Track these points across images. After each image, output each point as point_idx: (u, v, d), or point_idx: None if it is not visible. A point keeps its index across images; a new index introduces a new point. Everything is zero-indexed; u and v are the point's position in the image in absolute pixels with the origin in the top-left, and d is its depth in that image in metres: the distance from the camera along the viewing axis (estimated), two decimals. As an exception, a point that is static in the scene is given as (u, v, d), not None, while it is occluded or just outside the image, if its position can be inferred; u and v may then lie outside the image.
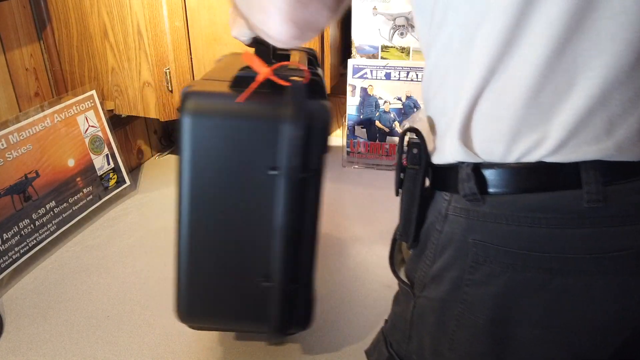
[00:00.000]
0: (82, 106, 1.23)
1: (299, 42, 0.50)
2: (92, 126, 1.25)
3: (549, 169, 0.45)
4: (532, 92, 0.43)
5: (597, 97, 0.42)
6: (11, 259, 1.02)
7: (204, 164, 0.65)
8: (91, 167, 1.24)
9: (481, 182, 0.47)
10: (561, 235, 0.45)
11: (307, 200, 0.68)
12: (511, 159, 0.46)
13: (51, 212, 1.12)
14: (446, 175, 0.51)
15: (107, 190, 1.28)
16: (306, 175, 0.65)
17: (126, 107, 1.30)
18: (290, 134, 0.62)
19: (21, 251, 1.04)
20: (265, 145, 0.64)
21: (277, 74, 0.65)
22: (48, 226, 1.11)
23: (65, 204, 1.15)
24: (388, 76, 1.43)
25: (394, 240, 0.64)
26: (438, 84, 0.50)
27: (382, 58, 1.46)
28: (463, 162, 0.48)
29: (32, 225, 1.07)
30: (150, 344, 0.88)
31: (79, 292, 1.00)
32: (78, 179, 1.20)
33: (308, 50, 0.88)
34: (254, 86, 0.64)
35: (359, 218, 1.26)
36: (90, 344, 0.87)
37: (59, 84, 1.29)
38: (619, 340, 0.48)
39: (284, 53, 0.78)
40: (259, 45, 0.72)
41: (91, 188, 1.23)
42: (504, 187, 0.47)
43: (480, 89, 0.45)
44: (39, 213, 1.09)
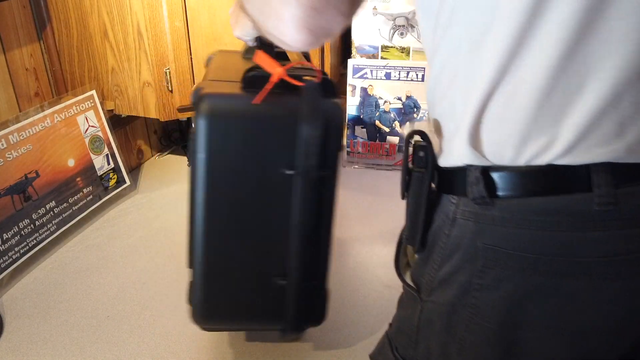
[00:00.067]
0: (82, 106, 1.23)
1: (313, 48, 0.50)
2: (92, 126, 1.25)
3: (559, 172, 0.44)
4: (543, 94, 0.43)
5: (608, 99, 0.42)
6: (11, 259, 1.02)
7: (220, 166, 0.65)
8: (91, 167, 1.24)
9: (490, 186, 0.47)
10: (572, 238, 0.45)
11: (324, 198, 0.68)
12: (521, 162, 0.46)
13: (51, 212, 1.12)
14: (453, 178, 0.51)
15: (107, 190, 1.28)
16: (323, 173, 0.66)
17: (126, 107, 1.30)
18: (307, 134, 0.63)
19: (21, 251, 1.04)
20: (281, 145, 0.65)
21: (290, 74, 0.65)
22: (48, 226, 1.11)
23: (65, 204, 1.15)
24: (388, 76, 1.43)
25: (399, 243, 0.63)
26: (445, 86, 0.50)
27: (382, 58, 1.46)
28: (471, 165, 0.48)
29: (32, 225, 1.07)
30: (150, 344, 0.88)
31: (79, 292, 1.00)
32: (78, 179, 1.20)
33: None
34: (269, 87, 0.63)
35: (359, 218, 1.25)
36: (90, 344, 0.87)
37: (59, 84, 1.29)
38: (629, 342, 0.48)
39: (281, 51, 0.78)
40: (263, 45, 0.72)
41: (91, 188, 1.23)
42: (514, 191, 0.46)
43: (490, 91, 0.45)
44: (39, 213, 1.09)
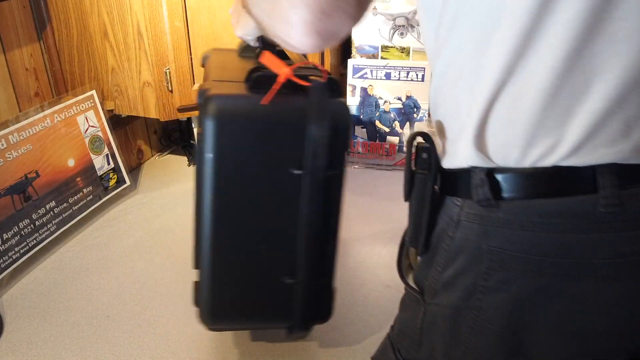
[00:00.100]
0: (82, 106, 1.23)
1: (320, 50, 0.50)
2: (92, 126, 1.25)
3: (565, 173, 0.44)
4: (549, 95, 0.43)
5: (614, 99, 0.42)
6: (11, 259, 1.02)
7: (228, 166, 0.65)
8: (91, 167, 1.24)
9: (495, 188, 0.46)
10: (577, 240, 0.44)
11: (331, 197, 0.69)
12: (526, 164, 0.45)
13: (51, 212, 1.12)
14: (457, 180, 0.50)
15: (107, 190, 1.28)
16: (331, 173, 0.66)
17: (126, 107, 1.30)
18: (316, 134, 0.63)
19: (21, 251, 1.04)
20: (290, 145, 0.65)
21: (296, 74, 0.65)
22: (48, 226, 1.11)
23: (65, 204, 1.15)
24: (388, 76, 1.43)
25: (402, 245, 0.63)
26: (449, 88, 0.50)
27: (382, 58, 1.46)
28: (476, 167, 0.47)
29: (32, 225, 1.07)
30: (150, 344, 0.88)
31: (79, 292, 1.00)
32: (78, 179, 1.20)
33: None
34: (277, 87, 0.64)
35: (359, 218, 1.25)
36: (90, 344, 0.87)
37: (59, 84, 1.29)
38: (635, 344, 0.48)
39: (280, 49, 0.78)
40: (266, 45, 0.73)
41: (91, 188, 1.23)
42: (519, 192, 0.46)
43: (495, 92, 0.45)
44: (39, 213, 1.09)
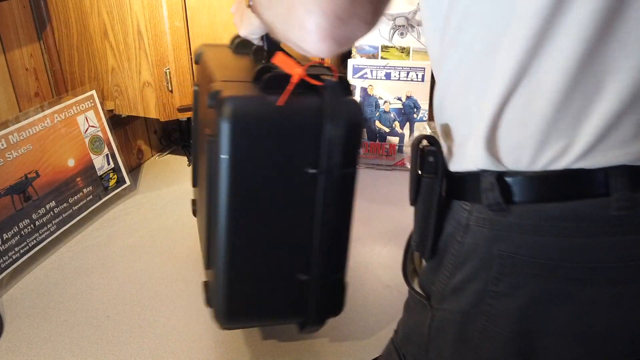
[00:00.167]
0: (82, 106, 1.23)
1: (334, 55, 0.50)
2: (92, 126, 1.25)
3: (577, 176, 0.44)
4: (562, 96, 0.42)
5: (627, 100, 0.42)
6: (11, 259, 1.02)
7: (244, 166, 0.66)
8: (91, 167, 1.24)
9: (505, 192, 0.46)
10: (589, 244, 0.44)
11: (345, 195, 0.71)
12: (538, 167, 0.45)
13: (51, 212, 1.12)
14: (465, 183, 0.50)
15: (107, 190, 1.28)
16: (345, 171, 0.67)
17: (126, 107, 1.30)
18: (331, 134, 0.64)
19: (21, 251, 1.04)
20: (305, 145, 0.66)
21: (309, 74, 0.65)
22: (48, 226, 1.11)
23: (65, 204, 1.15)
24: (388, 76, 1.43)
25: (406, 250, 0.63)
26: (457, 90, 0.49)
27: (382, 58, 1.46)
28: (486, 171, 0.47)
29: (32, 225, 1.07)
30: (150, 344, 0.88)
31: (79, 292, 1.00)
32: (78, 179, 1.20)
33: None
34: (291, 88, 0.64)
35: (359, 218, 1.24)
36: (90, 344, 0.87)
37: (59, 84, 1.29)
38: None
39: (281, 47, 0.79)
40: (271, 44, 0.75)
41: (91, 188, 1.23)
42: (530, 196, 0.45)
43: (507, 94, 0.44)
44: (39, 213, 1.09)
